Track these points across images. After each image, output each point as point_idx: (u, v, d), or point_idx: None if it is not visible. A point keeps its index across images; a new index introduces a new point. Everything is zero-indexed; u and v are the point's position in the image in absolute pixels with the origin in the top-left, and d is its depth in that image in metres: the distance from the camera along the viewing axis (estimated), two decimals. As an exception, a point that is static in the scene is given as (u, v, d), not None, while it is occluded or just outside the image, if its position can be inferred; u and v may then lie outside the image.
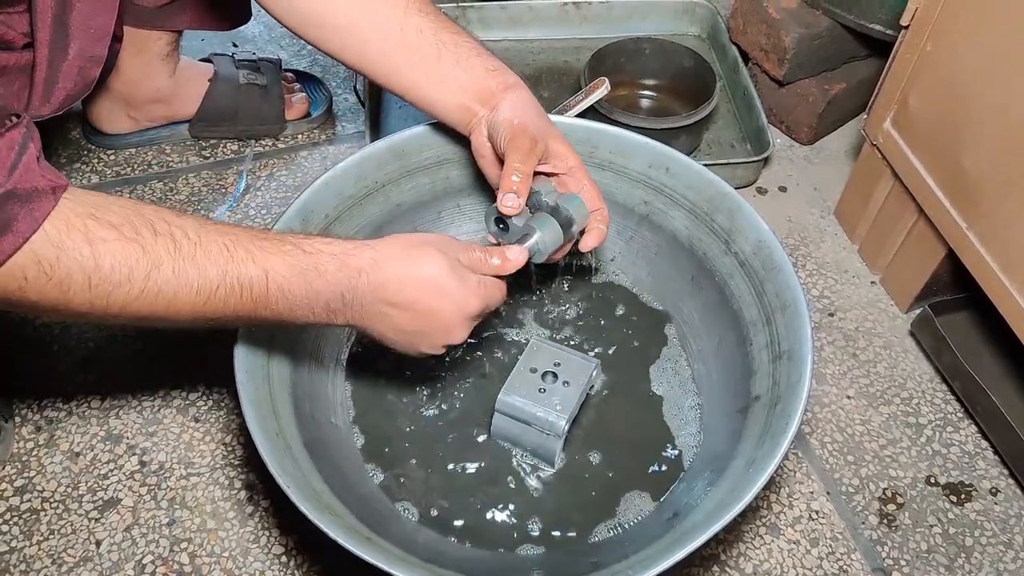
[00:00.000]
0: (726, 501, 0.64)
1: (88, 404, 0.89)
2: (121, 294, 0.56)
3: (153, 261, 0.57)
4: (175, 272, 0.57)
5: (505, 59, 1.28)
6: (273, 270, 0.61)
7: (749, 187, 1.15)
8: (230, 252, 0.60)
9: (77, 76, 0.75)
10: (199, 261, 0.58)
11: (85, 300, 0.56)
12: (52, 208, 0.54)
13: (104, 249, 0.55)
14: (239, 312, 0.61)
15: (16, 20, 0.71)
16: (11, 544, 0.79)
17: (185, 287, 0.58)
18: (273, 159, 1.16)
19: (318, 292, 0.62)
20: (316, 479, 0.68)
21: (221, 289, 0.59)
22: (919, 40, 0.88)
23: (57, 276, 0.54)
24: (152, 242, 0.57)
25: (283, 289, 0.61)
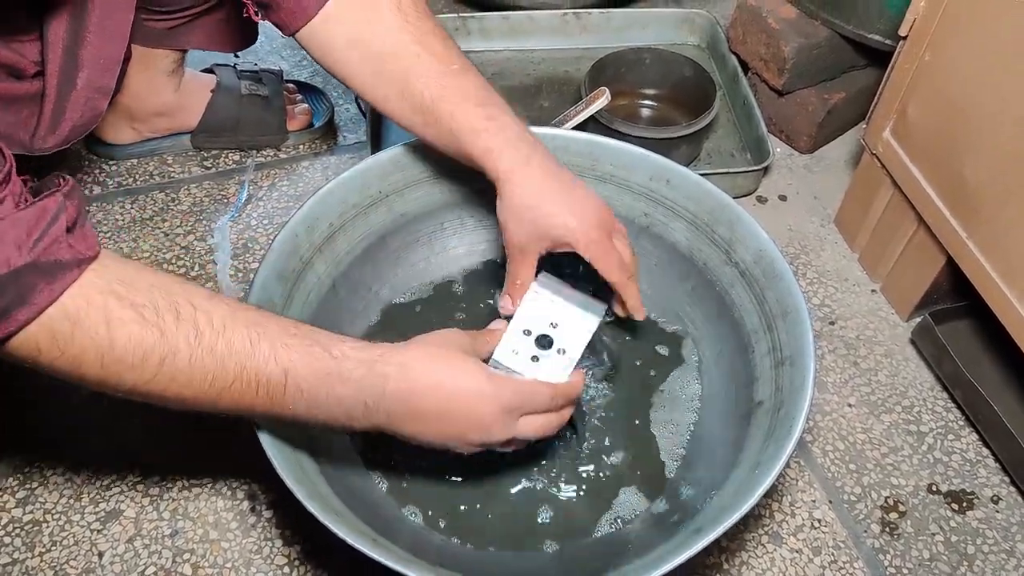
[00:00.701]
0: (730, 504, 0.64)
1: (90, 414, 0.89)
2: (134, 376, 0.56)
3: (171, 348, 0.56)
4: (191, 361, 0.56)
5: (506, 69, 1.30)
6: (294, 370, 0.59)
7: (749, 196, 1.15)
8: (253, 347, 0.58)
9: (84, 106, 0.76)
10: (219, 353, 0.57)
11: (95, 376, 0.56)
12: (73, 281, 0.53)
13: (121, 331, 0.54)
14: (255, 407, 0.60)
15: (27, 48, 0.72)
16: (13, 556, 0.79)
17: (199, 377, 0.57)
18: (275, 169, 1.16)
19: (340, 398, 0.61)
20: (322, 484, 0.69)
21: (237, 383, 0.58)
22: (918, 50, 0.89)
23: (70, 352, 0.54)
24: (173, 328, 0.56)
25: (302, 390, 0.60)
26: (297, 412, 0.61)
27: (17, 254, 0.51)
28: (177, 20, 1.00)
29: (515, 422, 0.65)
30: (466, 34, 1.31)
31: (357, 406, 0.61)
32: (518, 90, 1.28)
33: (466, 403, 0.63)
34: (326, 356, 0.60)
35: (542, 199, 0.72)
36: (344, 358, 0.61)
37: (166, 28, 1.00)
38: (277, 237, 0.78)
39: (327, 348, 0.61)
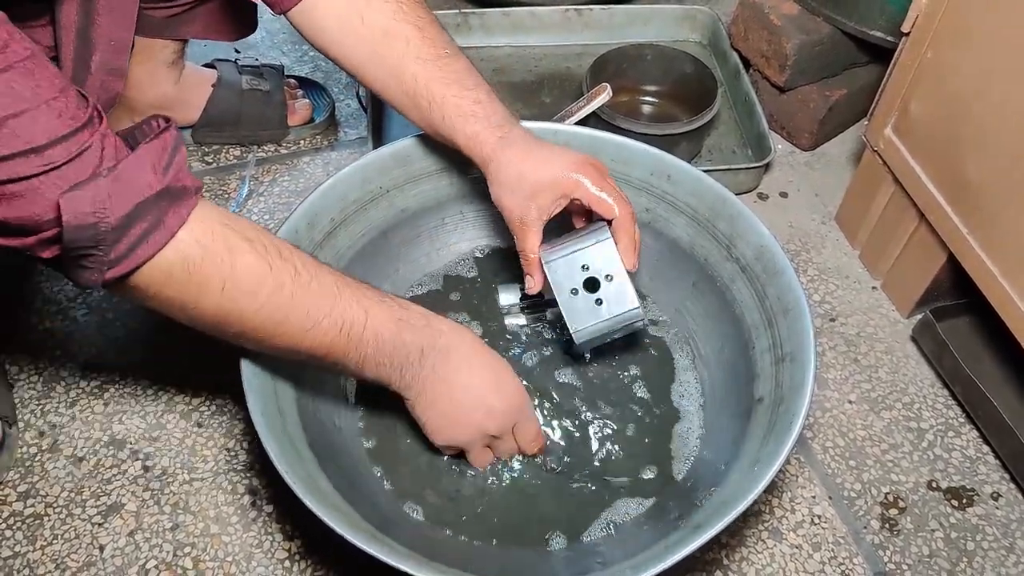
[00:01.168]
0: (730, 501, 0.64)
1: (91, 409, 0.89)
2: (246, 303, 0.60)
3: (278, 281, 0.61)
4: (293, 296, 0.61)
5: (507, 65, 1.30)
6: (373, 314, 0.65)
7: (750, 193, 1.15)
8: (339, 291, 0.64)
9: (100, 89, 0.76)
10: (314, 292, 0.63)
11: (214, 303, 0.59)
12: (195, 206, 0.57)
13: (240, 259, 0.59)
14: (333, 349, 0.65)
15: (40, 34, 0.72)
16: (15, 549, 0.79)
17: (297, 312, 0.62)
18: (276, 164, 1.16)
19: (405, 343, 0.67)
20: (322, 478, 0.69)
21: (326, 322, 0.63)
22: (920, 47, 0.89)
23: (198, 276, 0.58)
24: (280, 264, 0.61)
25: (378, 333, 0.65)
26: (365, 356, 0.66)
27: (155, 179, 0.55)
28: (176, 9, 1.00)
29: (511, 425, 0.74)
30: (467, 30, 1.31)
31: (415, 352, 0.68)
32: (519, 86, 1.27)
33: (497, 382, 0.72)
34: (396, 307, 0.68)
35: (526, 166, 0.74)
36: (411, 309, 0.69)
37: (165, 17, 1.00)
38: (278, 233, 0.78)
39: (396, 301, 0.68)
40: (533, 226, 0.75)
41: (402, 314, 0.67)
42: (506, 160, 0.75)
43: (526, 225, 0.75)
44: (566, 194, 0.74)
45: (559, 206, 0.75)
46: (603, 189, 0.74)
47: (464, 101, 0.76)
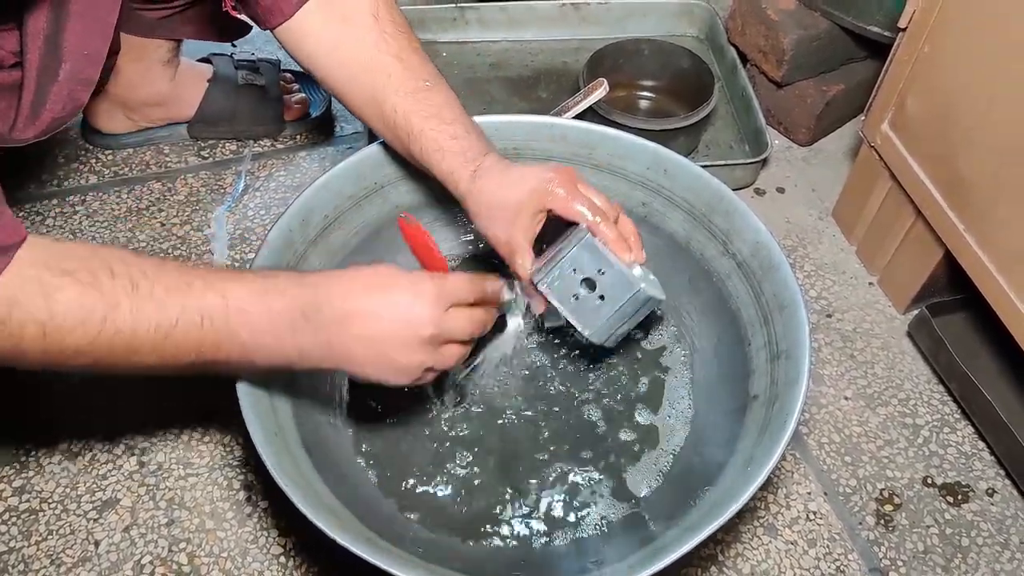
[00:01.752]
0: (724, 499, 0.64)
1: (87, 404, 0.89)
2: (75, 338, 0.56)
3: (110, 302, 0.56)
4: (132, 311, 0.57)
5: (504, 60, 1.30)
6: (231, 294, 0.60)
7: (747, 188, 1.15)
8: (188, 285, 0.59)
9: (67, 99, 0.74)
10: (157, 297, 0.58)
11: (39, 349, 0.56)
12: (3, 267, 0.54)
13: (59, 296, 0.55)
14: (202, 348, 0.60)
15: (6, 38, 0.70)
16: (10, 544, 0.79)
17: (143, 324, 0.58)
18: (272, 159, 1.16)
19: (279, 312, 0.61)
20: (315, 479, 0.69)
21: (180, 323, 0.59)
22: (917, 43, 0.88)
23: (9, 330, 0.54)
24: (110, 285, 0.57)
25: (243, 311, 0.60)
26: (245, 343, 0.61)
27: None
28: (169, 10, 0.99)
29: (444, 313, 0.63)
30: (464, 24, 1.31)
31: (297, 317, 0.61)
32: (516, 81, 1.27)
33: (391, 293, 0.63)
34: (258, 278, 0.63)
35: (499, 193, 0.73)
36: (275, 277, 0.63)
37: (159, 18, 1.00)
38: (270, 232, 0.78)
39: (258, 274, 0.64)
40: (520, 248, 0.73)
41: (267, 284, 0.62)
42: (479, 192, 0.74)
43: (514, 250, 0.74)
44: (541, 208, 0.73)
45: (539, 222, 0.74)
46: (575, 199, 0.72)
47: (441, 136, 0.75)
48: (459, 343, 0.66)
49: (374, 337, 0.62)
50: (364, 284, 0.63)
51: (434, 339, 0.63)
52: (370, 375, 0.64)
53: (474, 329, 0.66)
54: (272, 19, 0.78)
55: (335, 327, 0.62)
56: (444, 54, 1.29)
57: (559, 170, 0.73)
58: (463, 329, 0.65)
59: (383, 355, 0.63)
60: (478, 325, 0.67)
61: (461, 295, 0.65)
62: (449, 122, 0.76)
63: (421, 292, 0.62)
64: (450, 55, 1.29)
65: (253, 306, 0.61)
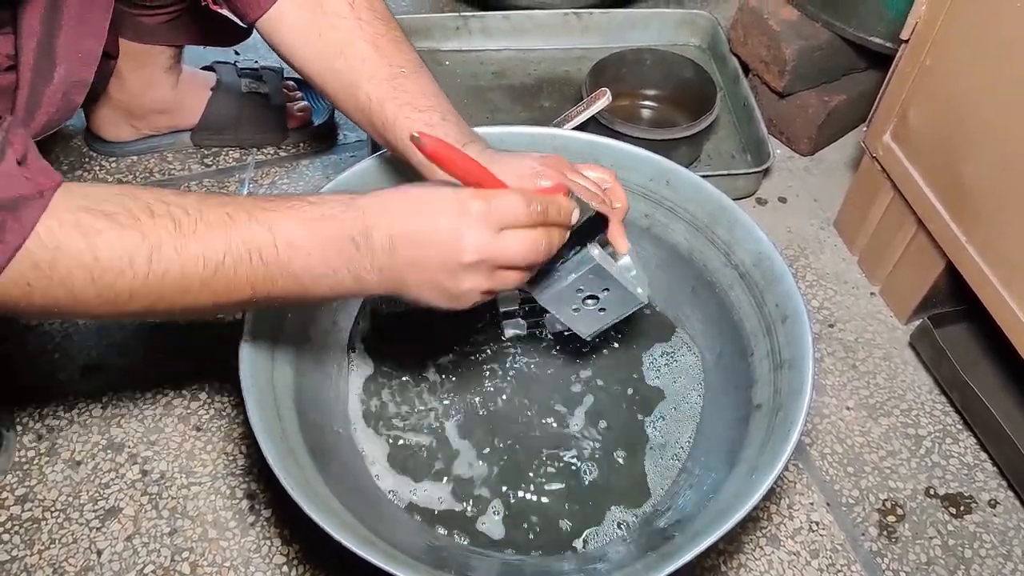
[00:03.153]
0: (728, 508, 0.64)
1: (89, 413, 0.89)
2: (125, 282, 0.55)
3: (153, 243, 0.55)
4: (177, 250, 0.56)
5: (507, 68, 1.30)
6: (278, 225, 0.58)
7: (749, 198, 1.15)
8: (232, 218, 0.57)
9: (61, 101, 0.75)
10: (201, 234, 0.56)
11: (92, 294, 0.55)
12: (41, 212, 0.53)
13: (101, 240, 0.54)
14: (254, 281, 0.58)
15: (0, 42, 0.71)
16: (12, 553, 0.79)
17: (191, 263, 0.56)
18: (275, 167, 1.16)
19: (329, 238, 0.58)
20: (319, 483, 0.69)
21: (228, 257, 0.57)
22: (919, 54, 0.89)
23: (58, 275, 0.54)
24: (151, 224, 0.55)
25: (292, 244, 0.58)
26: (298, 273, 0.59)
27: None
28: (168, 15, 1.00)
29: (494, 236, 0.58)
30: (467, 33, 1.31)
31: (348, 244, 0.59)
32: (519, 89, 1.28)
33: (434, 215, 0.59)
34: (305, 204, 0.60)
35: None
36: (322, 202, 0.60)
37: (159, 23, 1.00)
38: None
39: (303, 199, 0.60)
40: None
41: (313, 211, 0.59)
42: None
43: None
44: None
45: None
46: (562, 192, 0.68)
47: (416, 124, 0.73)
48: (518, 268, 0.61)
49: (421, 263, 0.59)
50: (408, 206, 0.59)
51: (483, 264, 0.59)
52: (426, 300, 0.61)
53: (534, 254, 0.60)
54: (252, 12, 0.78)
55: (384, 253, 0.59)
56: (447, 63, 1.29)
57: (546, 159, 0.71)
58: (519, 254, 0.59)
59: (433, 280, 0.60)
60: (540, 249, 0.60)
61: (515, 216, 0.59)
62: (424, 110, 0.74)
63: (465, 212, 0.58)
64: (453, 64, 1.30)
65: (301, 238, 0.58)
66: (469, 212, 0.58)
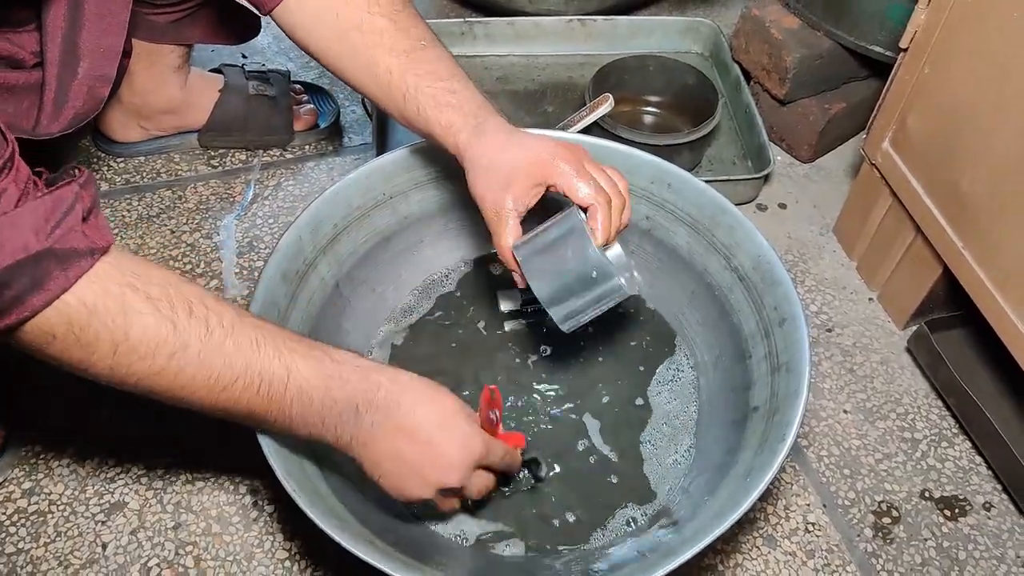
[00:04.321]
0: (724, 509, 0.65)
1: (96, 408, 0.90)
2: (143, 366, 0.57)
3: (182, 342, 0.57)
4: (200, 356, 0.58)
5: (511, 74, 1.31)
6: (296, 370, 0.61)
7: (750, 203, 1.16)
8: (258, 347, 0.60)
9: (87, 95, 0.77)
10: (227, 351, 0.59)
11: (107, 366, 0.57)
12: (88, 269, 0.55)
13: (137, 321, 0.56)
14: (252, 408, 0.61)
15: (26, 39, 0.73)
16: (18, 546, 0.80)
17: (206, 372, 0.58)
18: (281, 169, 1.17)
19: (335, 400, 0.62)
20: (321, 484, 0.70)
21: (240, 381, 0.59)
22: (917, 63, 0.90)
23: (85, 339, 0.55)
24: (186, 323, 0.57)
25: (302, 391, 0.61)
26: (291, 416, 0.62)
27: (35, 240, 0.52)
28: (179, 13, 1.01)
29: (471, 472, 0.67)
30: (472, 39, 1.32)
31: (349, 410, 0.62)
32: (522, 95, 1.29)
33: (444, 431, 0.65)
34: (327, 359, 0.63)
35: (500, 154, 0.72)
36: (344, 363, 0.63)
37: (169, 22, 1.01)
38: (282, 238, 0.79)
39: (327, 353, 0.63)
40: (508, 218, 0.71)
41: (332, 369, 0.62)
42: (480, 149, 0.72)
43: (500, 217, 0.71)
44: (541, 182, 0.71)
45: (536, 195, 0.71)
46: (580, 176, 0.70)
47: (438, 91, 0.74)
48: (464, 497, 0.70)
49: (404, 460, 0.64)
50: (428, 408, 0.65)
51: (451, 490, 0.67)
52: (383, 483, 0.66)
53: (480, 491, 0.70)
54: (269, 1, 0.79)
55: (380, 435, 0.63)
56: (452, 67, 1.30)
57: (567, 145, 0.72)
58: (474, 489, 0.69)
59: (402, 476, 0.65)
60: (484, 489, 0.71)
61: (494, 464, 0.69)
62: (445, 78, 0.75)
63: (468, 446, 0.65)
64: (457, 69, 1.31)
65: (313, 389, 0.61)
66: (474, 451, 0.66)
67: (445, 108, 0.74)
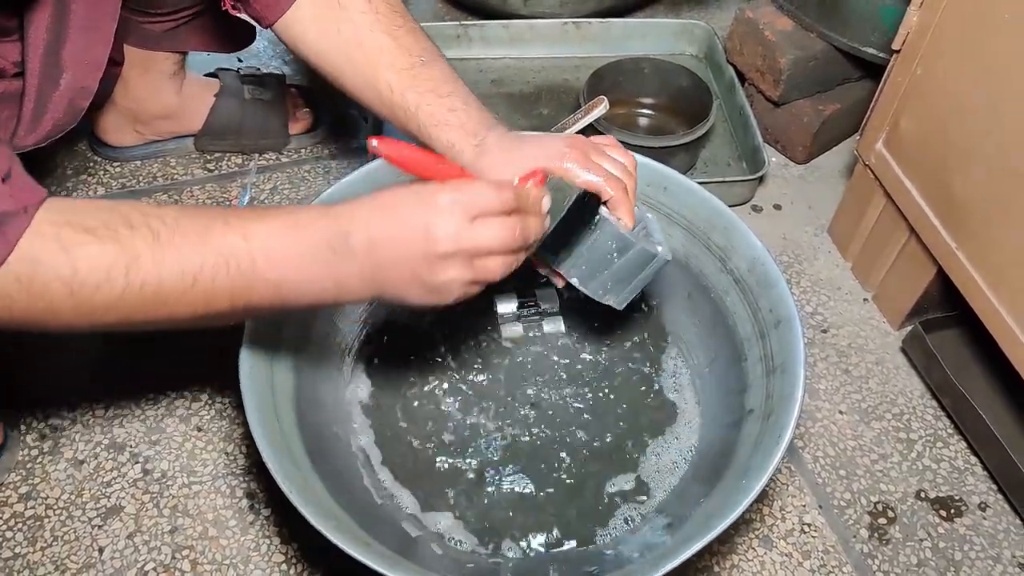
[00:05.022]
0: (720, 510, 0.65)
1: (92, 412, 0.90)
2: (103, 295, 0.55)
3: (131, 255, 0.55)
4: (155, 261, 0.56)
5: (506, 76, 1.32)
6: (253, 234, 0.58)
7: (744, 205, 1.17)
8: (208, 229, 0.57)
9: (67, 107, 0.76)
10: (178, 244, 0.56)
11: (70, 307, 0.55)
12: (25, 227, 0.54)
13: (80, 253, 0.54)
14: (232, 292, 0.58)
15: (8, 49, 0.72)
16: (15, 550, 0.80)
17: (169, 274, 0.56)
18: (276, 173, 1.18)
19: (305, 246, 0.59)
20: (317, 484, 0.70)
21: (206, 267, 0.57)
22: (910, 64, 0.90)
23: (36, 289, 0.54)
24: (129, 236, 0.55)
25: (267, 251, 0.58)
26: (275, 281, 0.59)
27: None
28: (174, 22, 1.01)
29: (467, 225, 0.58)
30: (467, 42, 1.33)
31: (325, 253, 0.59)
32: (517, 97, 1.29)
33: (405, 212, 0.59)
34: (281, 214, 0.60)
35: (507, 169, 0.71)
36: (297, 211, 0.61)
37: (164, 30, 1.02)
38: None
39: (280, 209, 0.61)
40: None
41: (287, 220, 0.59)
42: (486, 168, 0.72)
43: None
44: None
45: None
46: (591, 171, 0.70)
47: (438, 110, 0.75)
48: (501, 254, 0.60)
49: (399, 260, 0.59)
50: (382, 207, 0.60)
51: (459, 253, 0.59)
52: (410, 298, 0.61)
53: (512, 238, 0.60)
54: (270, 14, 0.80)
55: (363, 255, 0.59)
56: (447, 70, 1.31)
57: (572, 142, 0.72)
58: (496, 239, 0.59)
59: (413, 276, 0.59)
60: (516, 235, 0.60)
61: (486, 204, 0.59)
62: (445, 95, 0.76)
63: (433, 204, 0.58)
64: (453, 71, 1.31)
65: (277, 245, 0.58)
66: (437, 204, 0.58)
67: (445, 128, 0.75)
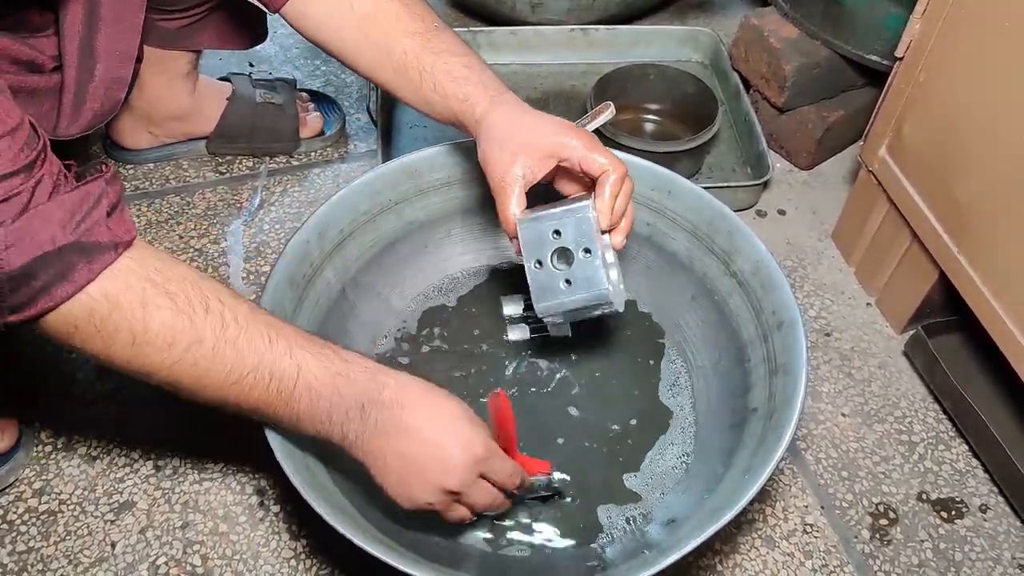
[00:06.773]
0: (722, 507, 0.66)
1: (105, 410, 0.92)
2: (160, 358, 0.59)
3: (198, 335, 0.59)
4: (214, 351, 0.60)
5: (513, 82, 1.33)
6: (306, 367, 0.62)
7: (749, 210, 1.18)
8: (270, 343, 0.62)
9: (104, 97, 0.79)
10: (240, 346, 0.61)
11: (125, 356, 0.59)
12: (112, 262, 0.57)
13: (156, 316, 0.58)
14: (260, 404, 0.62)
15: (45, 44, 0.75)
16: (29, 544, 0.82)
17: (219, 366, 0.60)
18: (287, 176, 1.19)
19: (343, 398, 0.63)
20: (328, 482, 0.71)
21: (252, 376, 0.61)
22: (913, 71, 0.91)
23: (106, 330, 0.57)
24: (202, 318, 0.60)
25: (311, 388, 0.62)
26: (298, 412, 0.63)
27: (62, 233, 0.55)
28: (187, 19, 1.03)
29: (475, 479, 0.66)
30: (475, 48, 1.32)
31: (355, 408, 0.63)
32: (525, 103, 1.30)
33: (446, 431, 0.64)
34: (336, 358, 0.64)
35: (515, 125, 0.73)
36: (352, 362, 0.65)
37: (177, 28, 1.03)
38: (289, 243, 0.81)
39: (336, 353, 0.65)
40: (514, 186, 0.72)
41: (341, 368, 0.63)
42: (496, 119, 0.74)
43: (506, 184, 0.72)
44: (553, 154, 0.72)
45: (545, 167, 0.73)
46: (594, 150, 0.72)
47: (455, 67, 0.77)
48: (476, 510, 0.68)
49: (407, 459, 0.64)
50: (432, 409, 0.65)
51: (452, 494, 0.65)
52: (387, 486, 0.65)
53: (488, 506, 0.69)
54: None
55: (383, 432, 0.64)
56: (455, 76, 1.32)
57: (579, 129, 0.74)
58: (485, 502, 0.68)
59: (404, 478, 0.64)
60: (493, 505, 0.69)
61: (497, 473, 0.67)
62: (461, 55, 0.78)
63: (469, 446, 0.65)
64: (461, 77, 1.32)
65: (322, 386, 0.63)
66: (475, 452, 0.65)
67: (463, 82, 0.76)
